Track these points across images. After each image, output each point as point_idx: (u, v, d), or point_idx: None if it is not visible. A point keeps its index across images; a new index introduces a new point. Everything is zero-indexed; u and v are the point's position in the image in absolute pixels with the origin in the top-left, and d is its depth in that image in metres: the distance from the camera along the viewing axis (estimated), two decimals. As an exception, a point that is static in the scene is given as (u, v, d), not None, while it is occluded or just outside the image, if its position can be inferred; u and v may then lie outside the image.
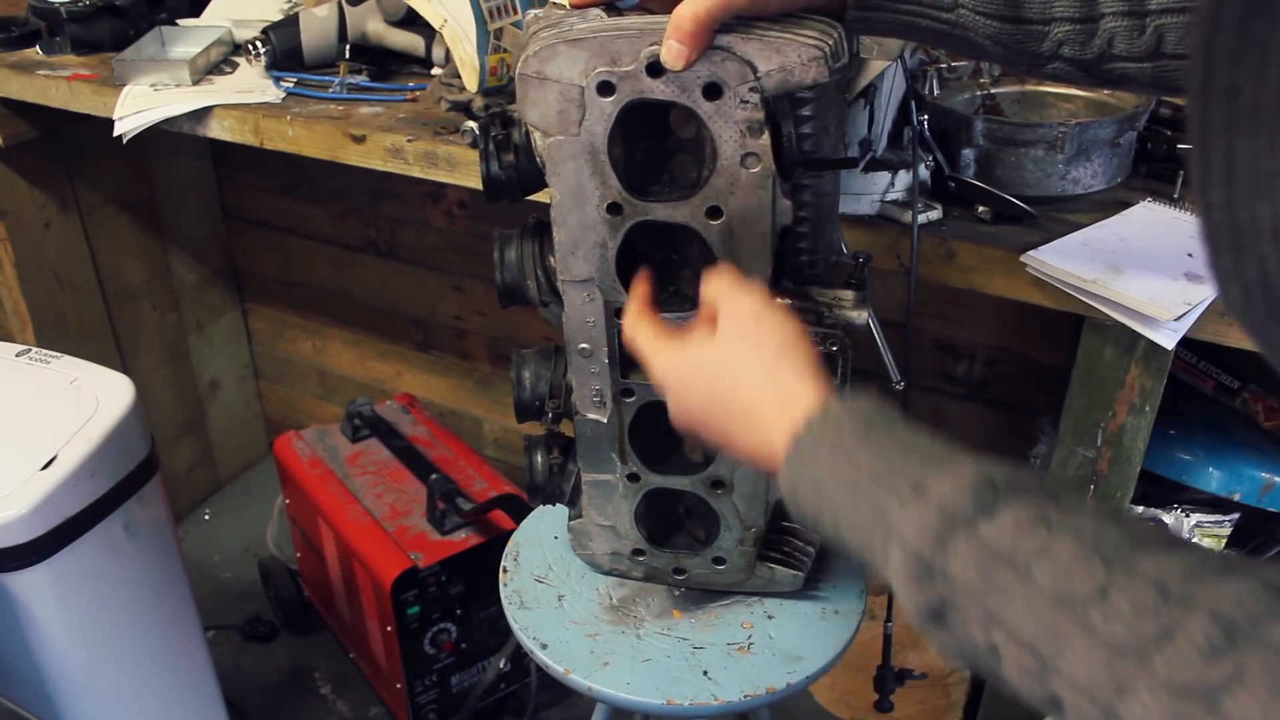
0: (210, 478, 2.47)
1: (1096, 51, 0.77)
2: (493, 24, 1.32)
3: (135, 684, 1.42)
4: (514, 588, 1.08)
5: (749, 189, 0.79)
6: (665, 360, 0.74)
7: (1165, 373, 1.08)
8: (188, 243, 2.25)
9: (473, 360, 2.23)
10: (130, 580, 1.37)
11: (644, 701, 0.96)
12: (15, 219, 1.85)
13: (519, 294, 0.94)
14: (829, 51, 0.73)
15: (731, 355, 0.70)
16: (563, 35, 0.75)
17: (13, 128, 1.75)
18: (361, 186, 2.12)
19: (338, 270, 2.28)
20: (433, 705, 1.78)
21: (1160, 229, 1.10)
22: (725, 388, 0.70)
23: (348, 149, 1.36)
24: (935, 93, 1.27)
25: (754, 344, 0.69)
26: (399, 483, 1.85)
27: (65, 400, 1.33)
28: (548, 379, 0.98)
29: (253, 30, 1.53)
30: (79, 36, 1.63)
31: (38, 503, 1.20)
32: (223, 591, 2.20)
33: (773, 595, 1.06)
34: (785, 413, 0.65)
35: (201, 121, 1.45)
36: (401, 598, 1.65)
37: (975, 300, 1.61)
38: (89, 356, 1.42)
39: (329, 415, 2.45)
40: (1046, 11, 0.77)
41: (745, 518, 0.98)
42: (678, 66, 0.73)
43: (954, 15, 0.78)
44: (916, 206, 1.09)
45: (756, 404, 0.67)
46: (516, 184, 0.88)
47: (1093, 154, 1.14)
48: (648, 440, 0.96)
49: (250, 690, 1.97)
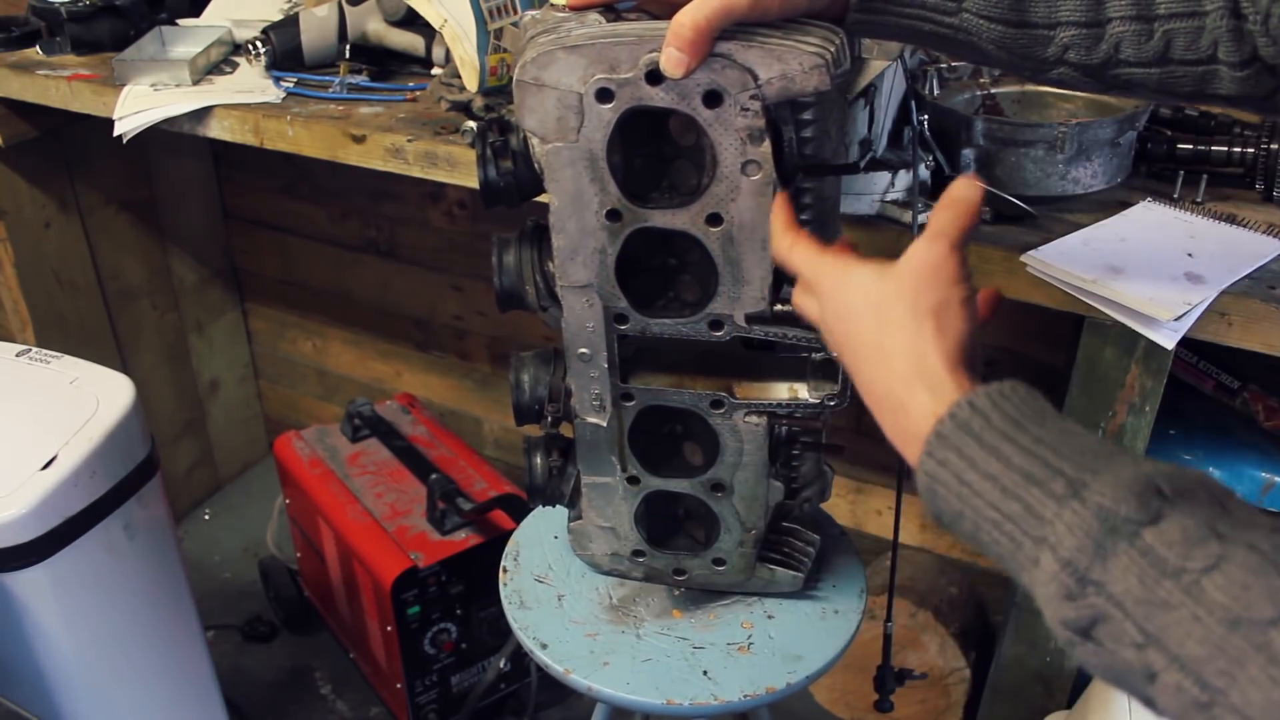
0: (210, 478, 2.47)
1: (1103, 57, 0.76)
2: (493, 24, 1.32)
3: (135, 684, 1.43)
4: (514, 587, 1.08)
5: (749, 196, 0.78)
6: (827, 280, 0.68)
7: (1165, 373, 1.08)
8: (188, 243, 2.25)
9: (473, 360, 2.23)
10: (130, 580, 1.37)
11: (644, 701, 0.96)
12: (15, 219, 1.85)
13: (518, 299, 0.94)
14: (831, 59, 0.73)
15: (890, 301, 0.64)
16: (561, 41, 0.75)
17: (13, 128, 1.75)
18: (361, 186, 2.12)
19: (338, 270, 2.28)
20: (433, 705, 1.78)
21: (1160, 229, 1.10)
22: (873, 339, 0.64)
23: (348, 149, 1.36)
24: (935, 93, 1.27)
25: (913, 302, 0.63)
26: (399, 483, 1.85)
27: (65, 400, 1.33)
28: (547, 382, 0.98)
29: (253, 30, 1.53)
30: (79, 36, 1.63)
31: (37, 503, 1.20)
32: (223, 591, 2.20)
33: (773, 595, 1.06)
34: (928, 395, 0.59)
35: (201, 121, 1.45)
36: (401, 598, 1.65)
37: (975, 300, 1.61)
38: (89, 356, 1.42)
39: (329, 415, 2.45)
40: (1052, 16, 0.76)
41: (745, 520, 0.98)
42: (677, 74, 0.72)
43: (957, 19, 0.77)
44: (916, 206, 1.09)
45: (897, 375, 0.61)
46: (515, 190, 0.88)
47: (1093, 154, 1.14)
48: (648, 443, 0.96)
49: (250, 690, 1.97)
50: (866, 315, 0.65)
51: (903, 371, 0.61)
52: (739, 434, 0.93)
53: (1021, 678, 1.38)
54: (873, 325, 0.64)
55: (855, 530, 1.90)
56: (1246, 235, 1.08)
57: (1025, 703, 1.39)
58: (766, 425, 0.92)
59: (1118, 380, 1.09)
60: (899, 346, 0.62)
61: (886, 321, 0.63)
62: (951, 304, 0.63)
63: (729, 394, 0.91)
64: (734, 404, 0.91)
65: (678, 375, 0.93)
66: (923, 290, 0.63)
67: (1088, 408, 1.12)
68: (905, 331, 0.62)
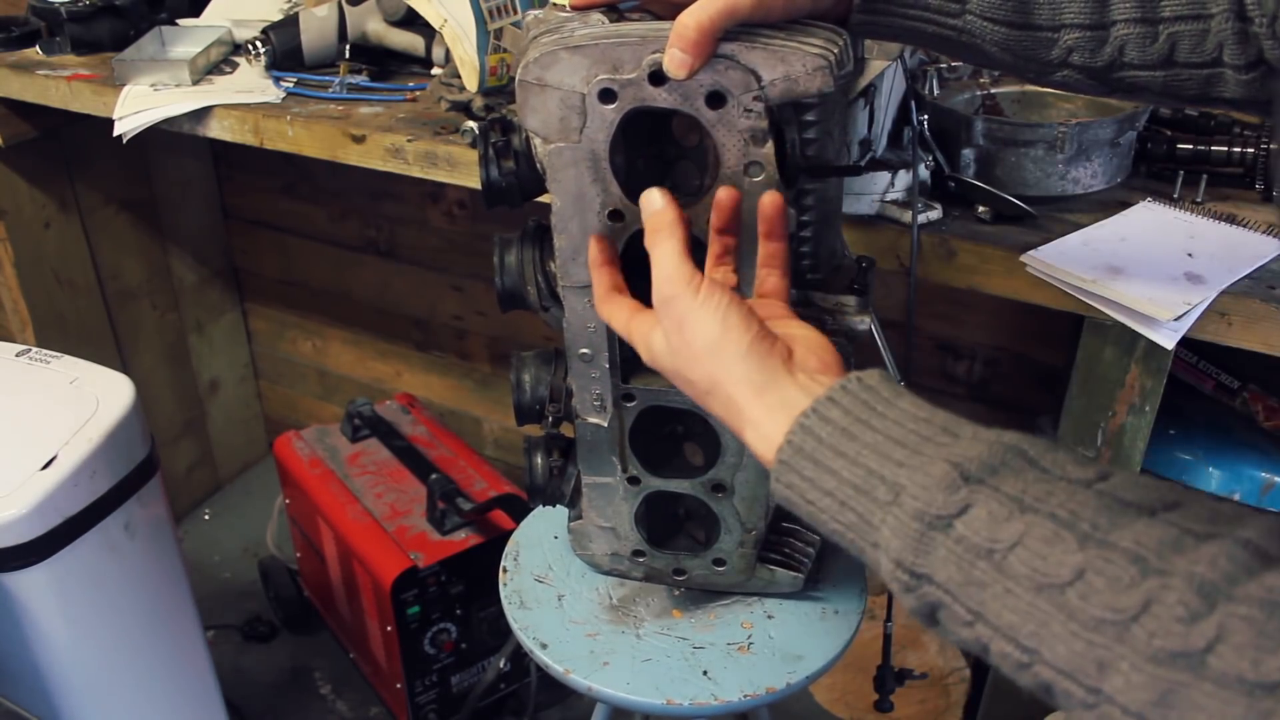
0: (210, 478, 2.47)
1: (1107, 59, 0.76)
2: (493, 24, 1.32)
3: (135, 684, 1.43)
4: (514, 588, 1.08)
5: (752, 197, 0.78)
6: (650, 342, 0.72)
7: (1165, 373, 1.08)
8: (188, 243, 2.25)
9: (473, 360, 2.23)
10: (130, 580, 1.37)
11: (644, 701, 0.96)
12: (15, 219, 1.85)
13: (519, 299, 0.94)
14: (834, 60, 0.73)
15: (702, 352, 0.68)
16: (564, 41, 0.75)
17: (13, 128, 1.75)
18: (361, 186, 2.12)
19: (338, 270, 2.28)
20: (433, 705, 1.78)
21: (1160, 229, 1.10)
22: (706, 376, 0.68)
23: (348, 149, 1.36)
24: (935, 93, 1.27)
25: (723, 348, 0.67)
26: (399, 483, 1.85)
27: (65, 400, 1.33)
28: (548, 383, 0.98)
29: (253, 30, 1.53)
30: (79, 36, 1.63)
31: (38, 503, 1.20)
32: (223, 591, 2.20)
33: (773, 596, 1.06)
34: (768, 414, 0.63)
35: (201, 121, 1.45)
36: (401, 598, 1.65)
37: (975, 300, 1.62)
38: (89, 356, 1.42)
39: (329, 415, 2.45)
40: (1056, 18, 0.76)
41: (746, 520, 0.98)
42: (680, 75, 0.72)
43: (961, 21, 0.77)
44: (916, 206, 1.10)
45: (737, 400, 0.65)
46: (517, 190, 0.88)
47: (1093, 154, 1.14)
48: (648, 444, 0.96)
49: (250, 690, 1.97)
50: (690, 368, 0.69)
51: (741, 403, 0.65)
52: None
53: (1021, 678, 1.38)
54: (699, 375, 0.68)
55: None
56: (1246, 235, 1.08)
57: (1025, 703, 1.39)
58: (767, 425, 0.92)
59: (1118, 380, 1.09)
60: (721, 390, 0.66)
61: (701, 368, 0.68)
62: (732, 323, 0.66)
63: (730, 394, 0.91)
64: (735, 404, 0.91)
65: (679, 375, 0.93)
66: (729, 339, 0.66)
67: (1088, 408, 1.12)
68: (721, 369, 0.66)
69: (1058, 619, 0.47)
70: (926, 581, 0.53)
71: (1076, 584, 0.47)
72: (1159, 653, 0.43)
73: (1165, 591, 0.44)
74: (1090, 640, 0.46)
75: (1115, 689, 0.44)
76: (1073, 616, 0.46)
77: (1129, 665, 0.44)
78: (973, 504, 0.51)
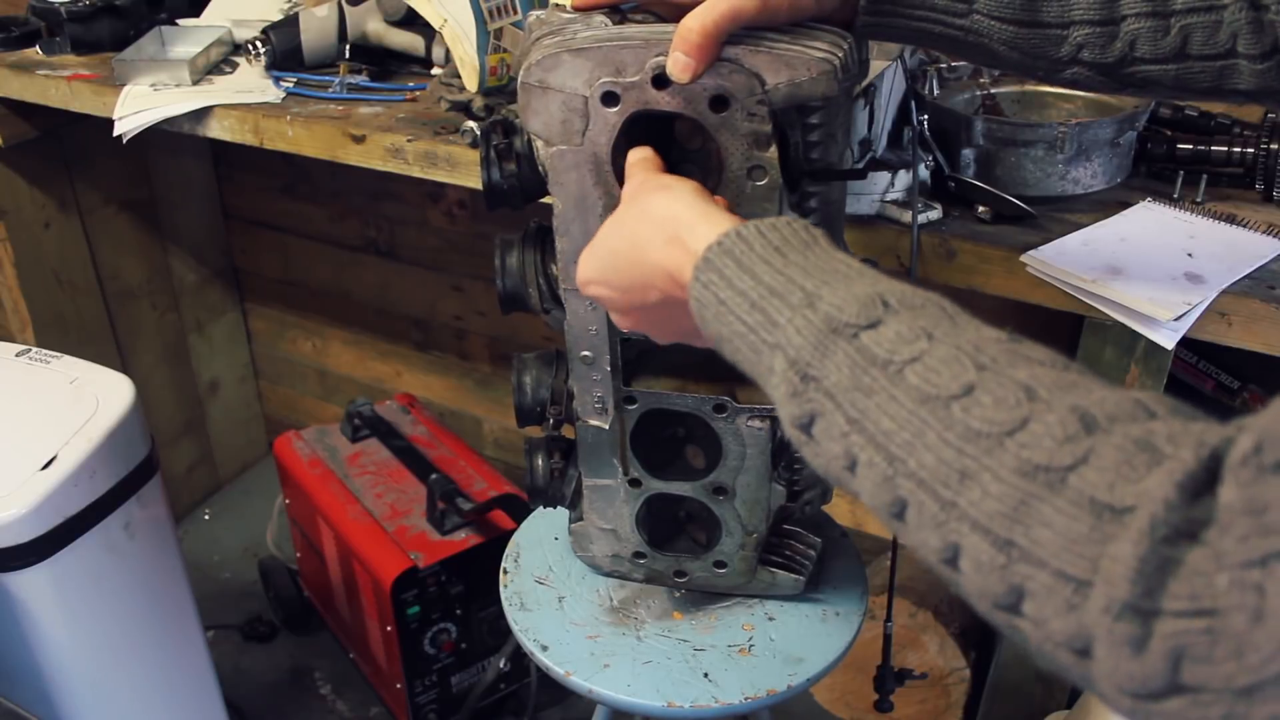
0: (210, 478, 2.47)
1: (1118, 55, 0.75)
2: (493, 24, 1.32)
3: (135, 684, 1.43)
4: (514, 589, 1.08)
5: (755, 201, 0.78)
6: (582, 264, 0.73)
7: (1165, 373, 1.08)
8: (187, 243, 2.25)
9: (473, 360, 2.23)
10: (130, 580, 1.37)
11: (644, 704, 0.96)
12: (15, 219, 1.85)
13: (520, 300, 0.94)
14: (839, 64, 0.72)
15: (628, 219, 0.69)
16: (566, 44, 0.75)
17: (13, 128, 1.75)
18: (361, 186, 2.12)
19: (338, 270, 2.28)
20: (433, 705, 1.78)
21: (1160, 229, 1.10)
22: (628, 246, 0.68)
23: (348, 149, 1.35)
24: (935, 93, 1.27)
25: (647, 203, 0.68)
26: (399, 483, 1.85)
27: (65, 400, 1.33)
28: (549, 385, 0.98)
29: (253, 30, 1.53)
30: (79, 36, 1.63)
31: (38, 503, 1.20)
32: (223, 591, 2.20)
33: (774, 598, 1.06)
34: (694, 240, 0.63)
35: (201, 121, 1.45)
36: (401, 598, 1.65)
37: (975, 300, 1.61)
38: (89, 356, 1.42)
39: (329, 415, 2.45)
40: (1065, 15, 0.75)
41: (747, 523, 0.98)
42: (684, 79, 0.72)
43: (968, 21, 0.76)
44: (916, 206, 1.10)
45: (683, 219, 0.65)
46: (518, 192, 0.88)
47: (1093, 154, 1.14)
48: (650, 446, 0.96)
49: (250, 690, 1.97)
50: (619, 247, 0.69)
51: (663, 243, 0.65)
52: (741, 438, 0.93)
53: (1021, 677, 1.38)
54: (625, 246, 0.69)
55: (856, 530, 1.90)
56: (1246, 235, 1.08)
57: (1025, 703, 1.39)
58: (769, 429, 0.92)
59: (1118, 380, 1.09)
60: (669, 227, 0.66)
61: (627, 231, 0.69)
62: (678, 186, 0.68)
63: (732, 398, 0.91)
64: (737, 408, 0.91)
65: (680, 379, 0.93)
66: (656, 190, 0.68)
67: (1088, 409, 1.12)
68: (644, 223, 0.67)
69: (934, 428, 0.46)
70: (814, 386, 0.52)
71: (963, 399, 0.46)
72: (1024, 464, 0.43)
73: (1047, 413, 0.44)
74: (961, 449, 0.45)
75: (970, 500, 0.44)
76: (950, 427, 0.46)
77: (990, 476, 0.44)
78: (884, 322, 0.51)
